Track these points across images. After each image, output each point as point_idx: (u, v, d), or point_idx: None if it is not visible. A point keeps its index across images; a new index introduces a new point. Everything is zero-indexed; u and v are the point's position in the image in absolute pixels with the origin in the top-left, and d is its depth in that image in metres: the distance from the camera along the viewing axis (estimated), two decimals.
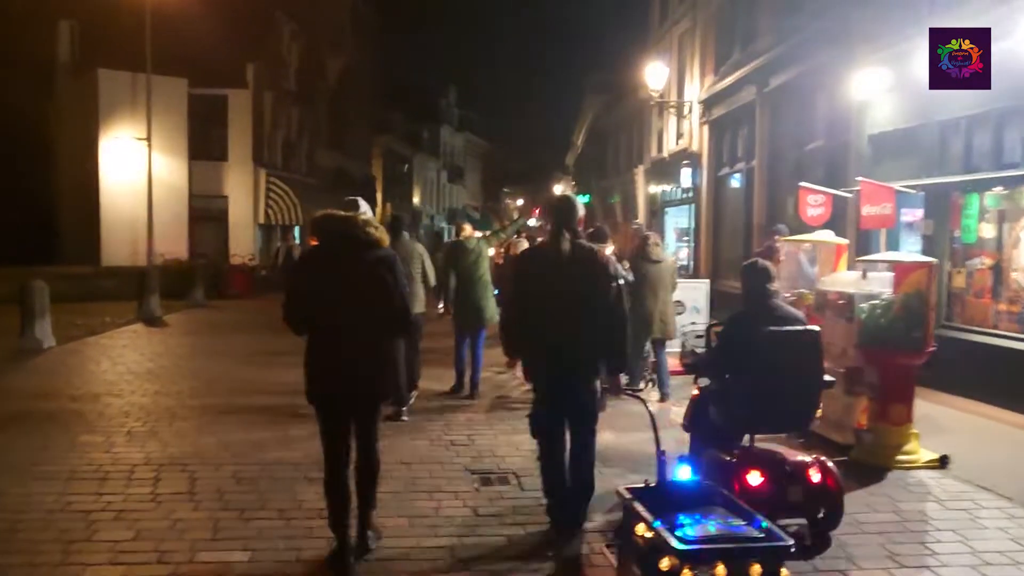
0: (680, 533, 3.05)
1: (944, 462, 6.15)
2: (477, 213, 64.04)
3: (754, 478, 4.19)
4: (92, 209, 22.54)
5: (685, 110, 19.78)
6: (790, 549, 3.02)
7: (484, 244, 9.14)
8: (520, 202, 76.81)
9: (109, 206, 22.49)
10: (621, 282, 4.63)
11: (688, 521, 3.16)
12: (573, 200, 4.80)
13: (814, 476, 4.27)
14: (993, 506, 5.31)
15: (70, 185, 23.21)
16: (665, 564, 2.99)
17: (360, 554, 4.32)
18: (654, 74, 18.79)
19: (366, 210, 4.44)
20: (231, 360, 11.31)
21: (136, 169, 20.60)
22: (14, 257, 18.97)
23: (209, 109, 24.35)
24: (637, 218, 23.96)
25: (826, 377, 4.68)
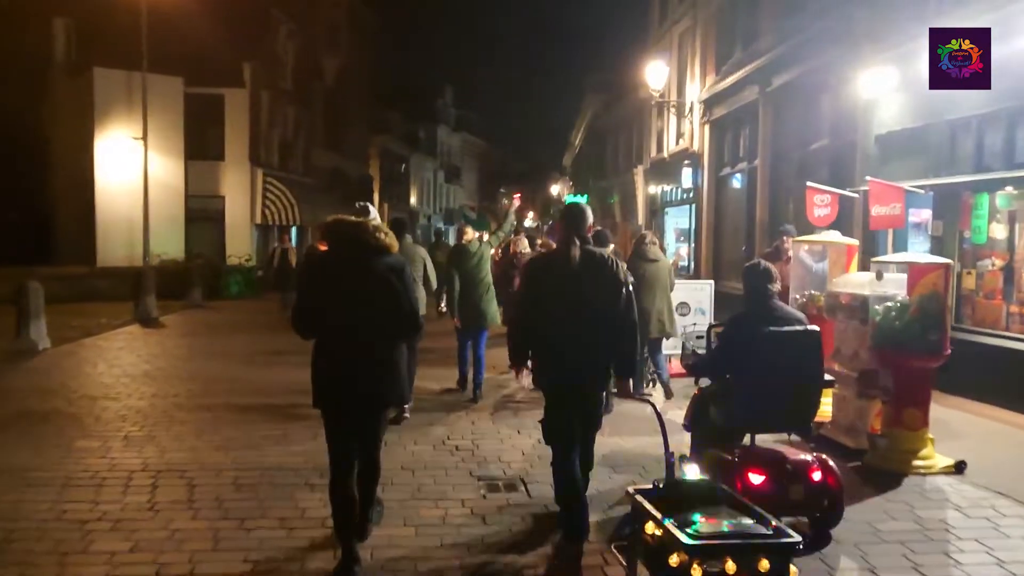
0: (689, 530, 3.07)
1: (961, 468, 6.01)
2: (474, 213, 63.91)
3: (756, 477, 4.23)
4: (88, 209, 22.37)
5: (686, 110, 19.65)
6: (798, 546, 3.04)
7: (486, 247, 9.23)
8: (516, 200, 76.69)
9: (105, 206, 22.32)
10: (631, 288, 4.61)
11: (697, 519, 3.17)
12: (583, 207, 4.77)
13: (815, 475, 4.32)
14: (1014, 513, 5.17)
15: (65, 185, 23.00)
16: (675, 560, 3.01)
17: (360, 563, 4.17)
18: (654, 73, 18.65)
19: (376, 216, 4.44)
20: (229, 361, 11.16)
21: (132, 169, 20.43)
22: (9, 257, 18.81)
23: (205, 108, 24.17)
24: (637, 219, 23.87)
25: (826, 377, 4.72)
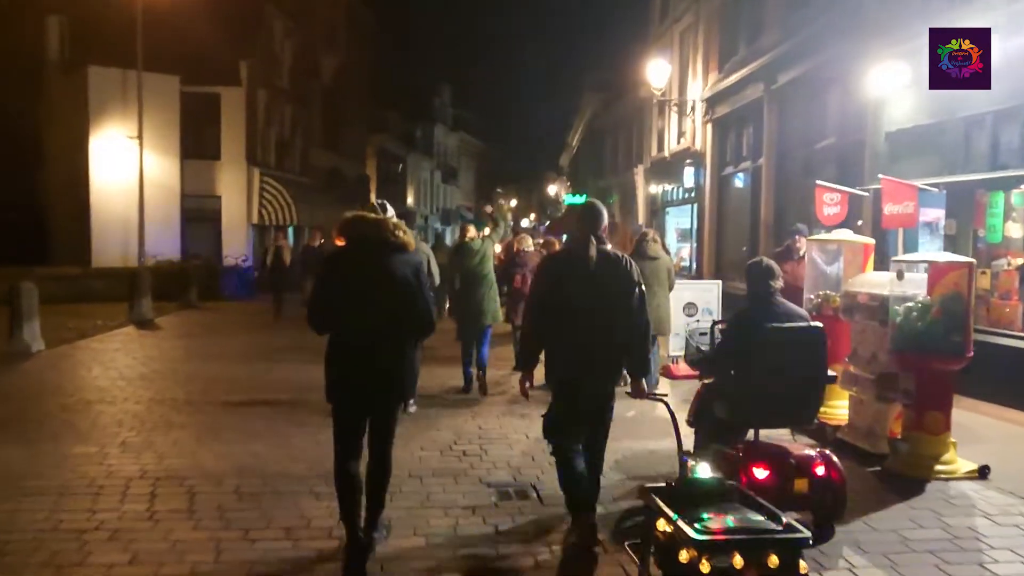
0: (699, 526, 3.09)
1: (984, 473, 5.85)
2: (471, 213, 63.72)
3: (760, 472, 4.26)
4: (82, 209, 22.15)
5: (687, 108, 19.48)
6: (808, 541, 3.05)
7: (488, 244, 9.27)
8: (514, 202, 76.63)
9: (100, 206, 22.10)
10: (643, 287, 4.62)
11: (707, 516, 3.20)
12: (600, 206, 4.74)
13: (818, 469, 4.36)
14: None
15: (60, 184, 22.76)
16: (684, 556, 3.02)
17: (367, 549, 4.20)
18: (656, 71, 18.47)
19: (393, 214, 4.44)
20: (226, 363, 10.96)
21: (127, 168, 20.19)
22: (2, 257, 18.58)
23: (201, 107, 23.96)
24: (637, 218, 23.70)
25: (829, 373, 4.78)
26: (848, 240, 7.49)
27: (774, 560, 2.97)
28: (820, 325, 4.73)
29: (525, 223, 61.50)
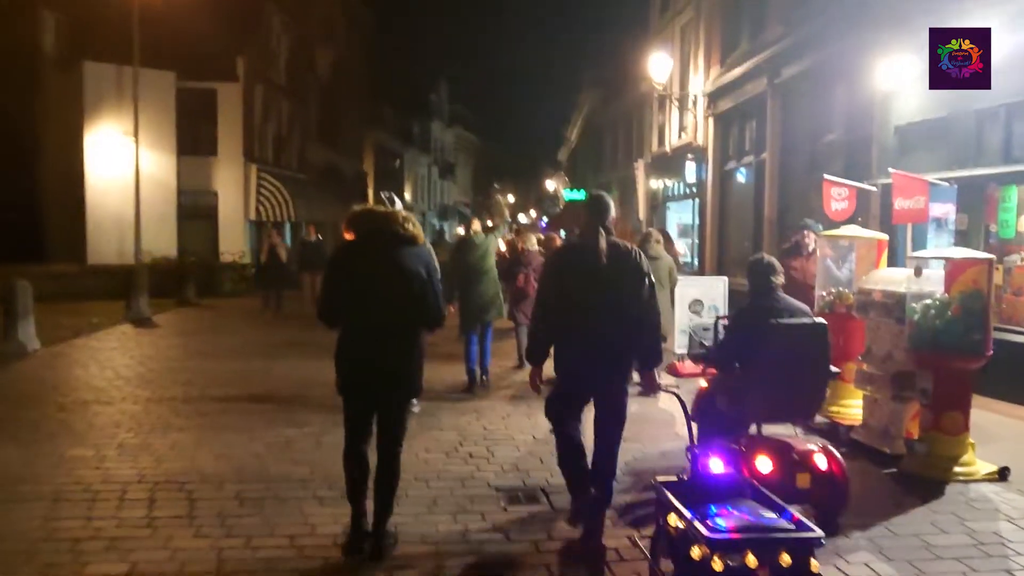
0: (711, 523, 3.09)
1: (1004, 474, 5.71)
2: (468, 209, 63.51)
3: (763, 466, 4.27)
4: (78, 206, 21.87)
5: (689, 103, 19.31)
6: (820, 541, 3.04)
7: (492, 240, 9.23)
8: (511, 198, 76.48)
9: (95, 203, 21.85)
10: (653, 278, 4.58)
11: (719, 512, 3.19)
12: (607, 198, 4.70)
13: (821, 464, 4.37)
14: None
15: (55, 181, 22.48)
16: (696, 553, 3.02)
17: (376, 556, 4.20)
18: (658, 65, 18.30)
19: (402, 207, 4.43)
20: (225, 361, 10.79)
21: (123, 165, 19.97)
22: None
23: (198, 103, 23.67)
24: (637, 214, 23.54)
25: (832, 368, 4.77)
26: (861, 236, 7.33)
27: (786, 559, 2.96)
28: (823, 320, 4.71)
29: (523, 219, 61.38)
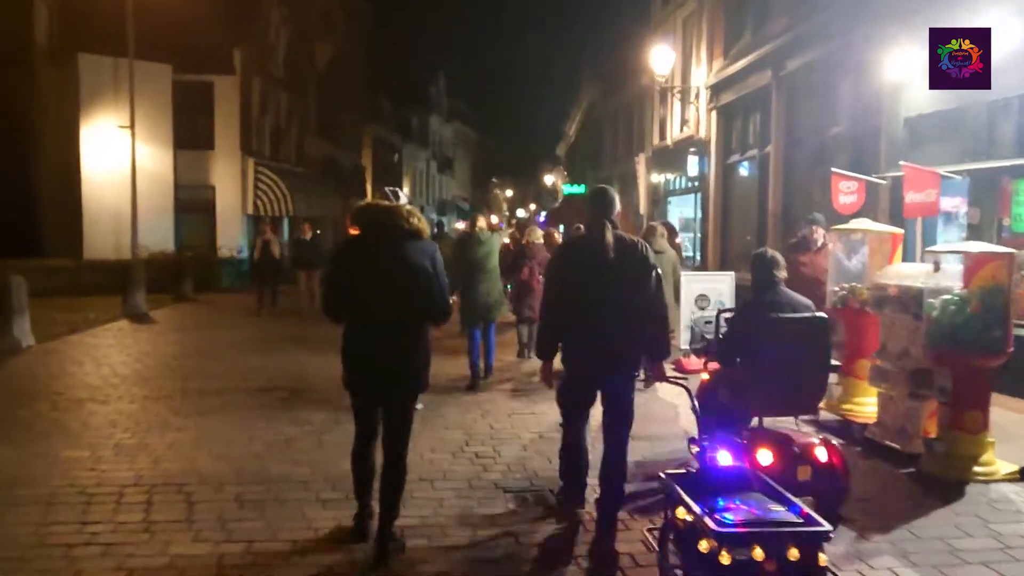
0: (719, 517, 3.08)
1: None
2: (467, 204, 63.29)
3: (764, 458, 4.29)
4: (74, 200, 21.67)
5: (691, 96, 19.12)
6: (829, 535, 3.03)
7: (496, 239, 9.31)
8: (509, 193, 76.28)
9: (91, 197, 21.64)
10: (659, 271, 4.57)
11: (728, 505, 3.18)
12: (611, 192, 4.69)
13: (821, 456, 4.42)
14: None
15: (50, 175, 22.25)
16: (704, 546, 3.01)
17: (381, 561, 4.10)
18: (660, 58, 18.07)
19: (406, 201, 4.39)
20: (223, 358, 10.62)
21: (119, 158, 19.74)
22: None
23: (195, 96, 23.43)
24: (639, 208, 23.37)
25: (832, 361, 4.85)
26: (875, 230, 7.17)
27: (794, 553, 2.96)
28: (823, 314, 4.72)
29: (521, 213, 61.17)
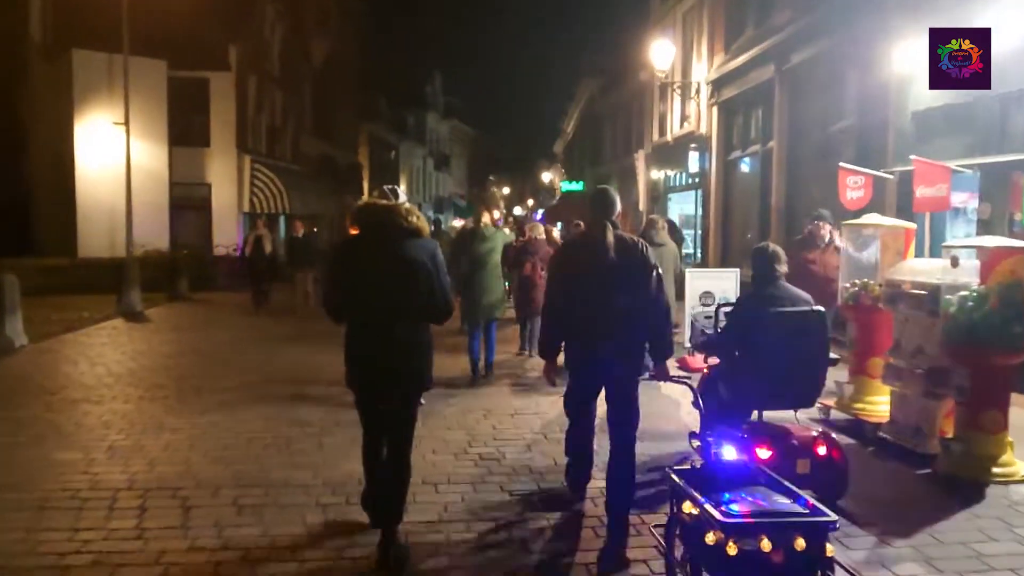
0: (724, 509, 3.09)
1: None
2: (463, 201, 63.09)
3: (762, 452, 4.31)
4: (67, 198, 21.41)
5: (692, 91, 18.95)
6: (835, 525, 3.04)
7: (500, 236, 9.17)
8: (506, 190, 76.11)
9: (85, 194, 21.39)
10: (660, 270, 4.56)
11: (733, 499, 3.20)
12: (612, 192, 4.70)
13: (820, 449, 4.47)
14: None
15: (44, 172, 22.04)
16: (711, 538, 3.02)
17: (385, 568, 4.04)
18: (660, 53, 17.91)
19: (405, 199, 4.36)
20: (219, 357, 10.44)
21: (114, 155, 19.45)
22: None
23: (190, 93, 23.19)
24: (638, 205, 23.22)
25: (831, 355, 4.80)
26: (888, 225, 7.01)
27: (801, 543, 2.97)
28: (821, 308, 4.78)
29: (518, 210, 61.01)
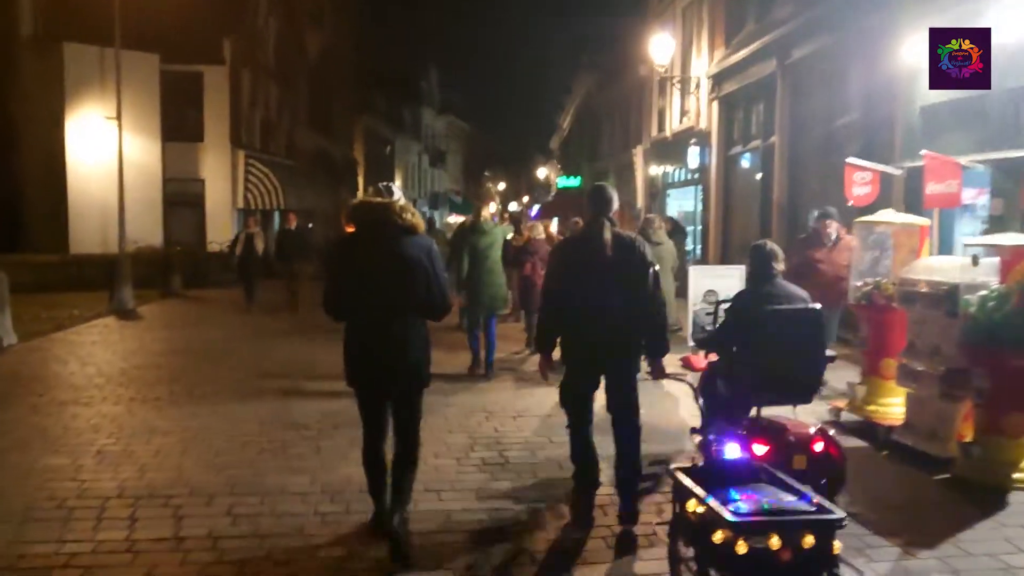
0: (732, 507, 3.07)
1: None
2: (459, 197, 62.85)
3: (759, 448, 4.33)
4: (59, 193, 21.15)
5: (691, 86, 18.76)
6: (842, 522, 3.04)
7: (499, 231, 9.32)
8: (502, 186, 75.89)
9: (77, 190, 21.14)
10: (657, 268, 4.62)
11: (739, 496, 3.19)
12: (609, 189, 4.75)
13: (817, 446, 4.47)
14: None
15: (35, 167, 21.72)
16: (719, 537, 3.01)
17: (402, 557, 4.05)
18: (659, 47, 17.68)
19: (401, 196, 4.34)
20: (213, 356, 10.22)
21: (106, 150, 19.21)
22: None
23: (183, 87, 22.90)
24: (636, 202, 23.03)
25: (828, 352, 4.85)
26: (901, 222, 6.83)
27: (809, 540, 2.98)
28: (818, 306, 4.81)
29: (513, 206, 60.80)
